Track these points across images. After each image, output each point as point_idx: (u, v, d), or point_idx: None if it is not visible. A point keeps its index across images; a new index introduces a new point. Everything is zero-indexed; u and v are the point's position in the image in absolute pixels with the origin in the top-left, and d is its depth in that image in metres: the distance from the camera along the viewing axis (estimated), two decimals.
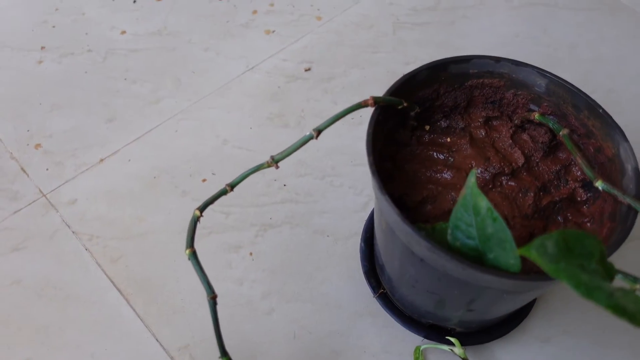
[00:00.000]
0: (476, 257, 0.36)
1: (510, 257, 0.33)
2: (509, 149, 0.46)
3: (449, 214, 0.37)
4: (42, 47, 0.68)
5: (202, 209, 0.41)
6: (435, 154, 0.46)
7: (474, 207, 0.34)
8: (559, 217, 0.44)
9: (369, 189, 0.59)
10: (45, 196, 0.57)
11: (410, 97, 0.44)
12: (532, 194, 0.44)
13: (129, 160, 0.60)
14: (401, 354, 0.50)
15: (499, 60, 0.45)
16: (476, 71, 0.45)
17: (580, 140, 0.44)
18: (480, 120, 0.47)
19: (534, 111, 0.46)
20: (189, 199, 0.57)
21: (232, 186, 0.42)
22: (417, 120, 0.46)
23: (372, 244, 0.53)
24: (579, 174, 0.44)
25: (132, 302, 0.51)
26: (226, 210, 0.57)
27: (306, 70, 0.68)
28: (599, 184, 0.39)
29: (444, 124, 0.47)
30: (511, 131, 0.46)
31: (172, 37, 0.70)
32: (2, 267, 0.53)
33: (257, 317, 0.51)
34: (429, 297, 0.44)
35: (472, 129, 0.47)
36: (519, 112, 0.47)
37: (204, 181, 0.58)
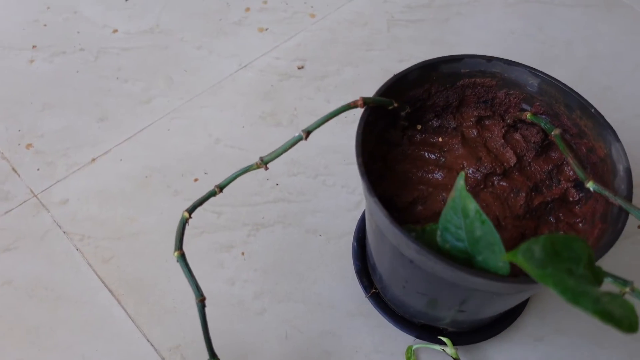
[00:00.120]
0: (465, 260, 0.35)
1: (499, 260, 0.33)
2: (501, 149, 0.45)
3: (439, 215, 0.37)
4: (34, 46, 0.68)
5: (191, 210, 0.41)
6: (426, 153, 0.46)
7: (462, 210, 0.34)
8: (550, 218, 0.43)
9: (361, 187, 0.58)
10: (36, 196, 0.57)
11: (401, 97, 0.44)
12: (524, 194, 0.44)
13: (121, 159, 0.59)
14: (393, 353, 0.50)
15: (490, 59, 0.45)
16: (468, 70, 0.45)
17: (572, 140, 0.44)
18: (472, 119, 0.47)
19: (526, 111, 0.45)
20: (181, 198, 0.57)
21: (221, 187, 0.41)
22: (408, 120, 0.46)
23: (365, 243, 0.53)
24: (571, 173, 0.44)
25: (123, 302, 0.51)
26: (218, 209, 0.56)
27: (299, 68, 0.67)
28: (590, 185, 0.39)
29: (435, 123, 0.47)
30: (503, 131, 0.46)
31: (164, 36, 0.70)
32: None
33: (249, 317, 0.51)
34: (420, 297, 0.43)
35: (464, 128, 0.47)
36: (511, 111, 0.46)
37: (196, 181, 0.58)
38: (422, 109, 0.46)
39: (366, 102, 0.40)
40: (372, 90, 0.42)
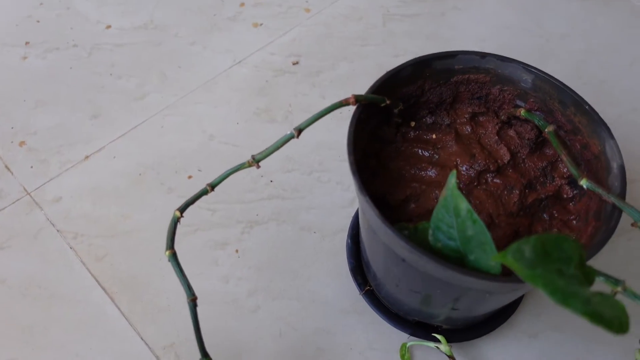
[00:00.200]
0: (458, 259, 0.35)
1: (490, 259, 0.33)
2: (495, 146, 0.45)
3: (432, 213, 0.37)
4: (27, 43, 0.67)
5: (183, 209, 0.41)
6: (420, 151, 0.45)
7: (454, 209, 0.33)
8: (544, 215, 0.43)
9: None
10: (29, 194, 0.56)
11: (394, 94, 0.43)
12: (518, 192, 0.43)
13: (114, 157, 0.59)
14: (387, 351, 0.50)
15: (484, 55, 0.44)
16: (461, 67, 0.45)
17: (566, 136, 0.44)
18: (466, 116, 0.46)
19: (520, 107, 0.45)
20: (175, 196, 0.57)
21: (213, 186, 0.41)
22: (401, 117, 0.45)
23: (359, 240, 0.53)
24: (565, 170, 0.44)
25: (117, 300, 0.51)
26: (212, 207, 0.56)
27: (294, 63, 0.67)
28: (584, 183, 0.39)
29: (429, 120, 0.47)
30: (497, 127, 0.46)
31: (158, 31, 0.69)
32: None
33: (243, 315, 0.51)
34: (414, 295, 0.43)
35: (457, 125, 0.46)
36: (506, 108, 0.46)
37: (190, 178, 0.58)
38: (416, 106, 0.46)
39: (358, 99, 0.40)
40: (367, 85, 0.42)
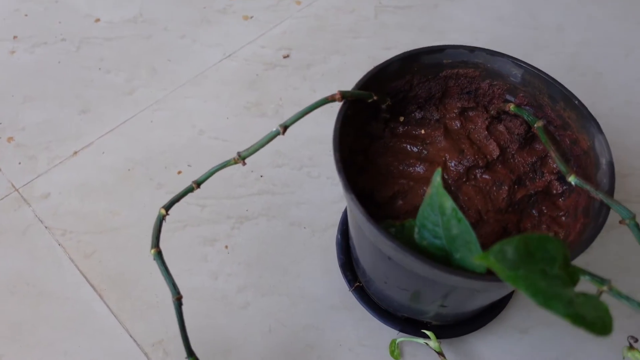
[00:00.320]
0: (443, 257, 0.35)
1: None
2: (484, 141, 0.45)
3: None
4: (15, 37, 0.67)
5: (168, 207, 0.41)
6: (408, 146, 0.45)
7: (439, 207, 0.33)
8: (533, 211, 0.43)
9: None
10: (17, 190, 0.56)
11: (382, 89, 0.43)
12: (507, 187, 0.43)
13: (103, 152, 0.59)
14: (377, 347, 0.49)
15: (473, 49, 0.44)
16: (450, 61, 0.44)
17: (556, 131, 0.43)
18: (455, 111, 0.46)
19: (510, 102, 0.44)
20: (164, 192, 0.56)
21: (199, 183, 0.41)
22: (390, 112, 0.45)
23: (349, 236, 0.52)
24: (555, 166, 0.43)
25: (105, 297, 0.51)
26: (202, 202, 0.56)
27: (285, 57, 0.66)
28: (572, 179, 0.38)
29: (418, 115, 0.46)
30: (487, 122, 0.45)
31: (147, 25, 0.68)
32: None
33: (233, 311, 0.51)
34: (402, 292, 0.43)
35: (447, 120, 0.46)
36: (495, 102, 0.45)
37: (180, 173, 0.57)
38: (405, 101, 0.45)
39: (345, 95, 0.39)
40: (358, 78, 0.41)
